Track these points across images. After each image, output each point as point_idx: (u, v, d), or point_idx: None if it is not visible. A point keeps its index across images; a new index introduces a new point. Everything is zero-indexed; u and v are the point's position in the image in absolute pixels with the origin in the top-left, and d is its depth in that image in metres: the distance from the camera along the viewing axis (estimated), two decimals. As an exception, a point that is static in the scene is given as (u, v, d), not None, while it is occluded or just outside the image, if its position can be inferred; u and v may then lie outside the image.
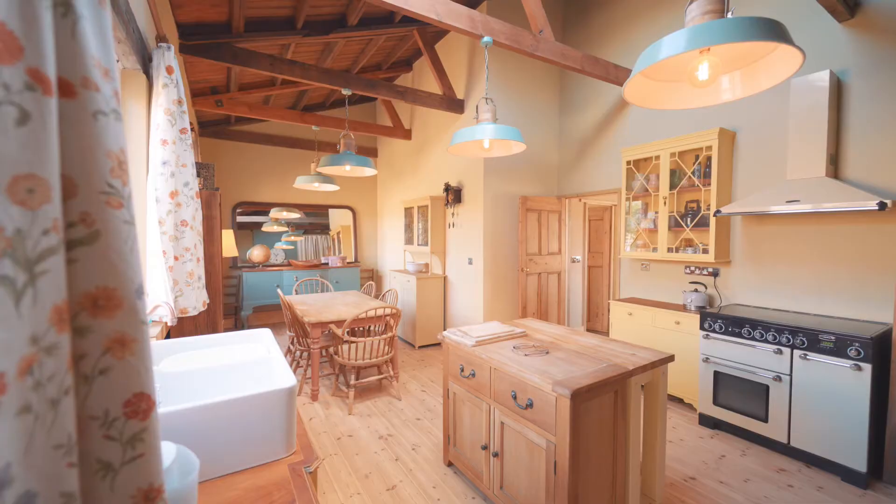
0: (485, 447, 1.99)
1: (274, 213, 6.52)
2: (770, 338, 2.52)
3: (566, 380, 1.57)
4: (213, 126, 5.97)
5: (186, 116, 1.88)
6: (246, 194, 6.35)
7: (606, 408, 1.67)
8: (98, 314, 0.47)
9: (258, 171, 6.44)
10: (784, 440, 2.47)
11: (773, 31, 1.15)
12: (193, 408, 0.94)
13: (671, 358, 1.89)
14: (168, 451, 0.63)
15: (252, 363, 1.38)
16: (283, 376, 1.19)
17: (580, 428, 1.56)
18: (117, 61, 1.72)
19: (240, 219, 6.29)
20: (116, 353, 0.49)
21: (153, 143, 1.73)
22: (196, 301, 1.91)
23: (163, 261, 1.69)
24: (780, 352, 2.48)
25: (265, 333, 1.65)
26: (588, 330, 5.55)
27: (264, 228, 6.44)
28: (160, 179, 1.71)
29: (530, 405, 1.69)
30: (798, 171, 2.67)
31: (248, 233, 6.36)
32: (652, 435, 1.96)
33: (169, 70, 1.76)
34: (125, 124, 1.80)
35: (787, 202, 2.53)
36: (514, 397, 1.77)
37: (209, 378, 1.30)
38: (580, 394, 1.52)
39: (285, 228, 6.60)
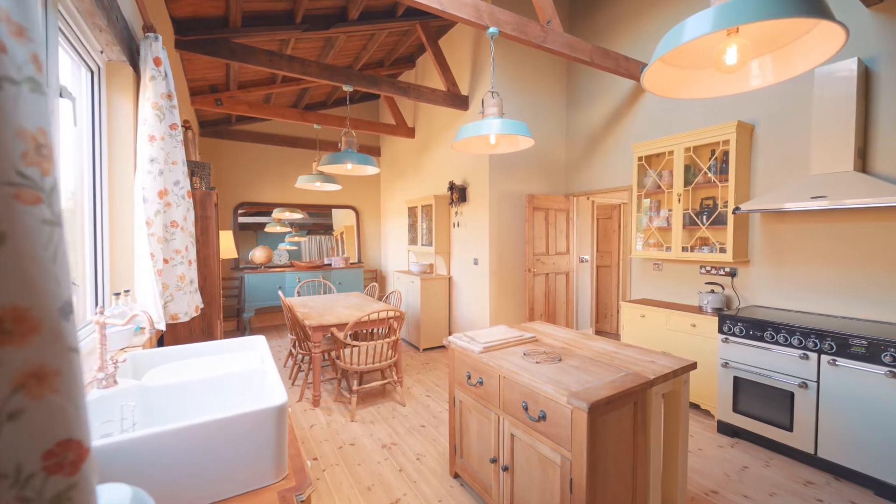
0: (494, 460, 1.87)
1: (276, 213, 6.44)
2: (795, 342, 2.38)
3: (583, 391, 1.45)
4: (213, 126, 5.90)
5: (177, 111, 1.78)
6: (248, 195, 6.27)
7: (626, 420, 1.55)
8: (5, 342, 0.37)
9: (260, 171, 6.36)
10: (811, 451, 2.33)
11: (813, 5, 1.02)
12: (169, 431, 0.83)
13: (694, 365, 1.76)
14: (120, 498, 0.52)
15: (243, 374, 1.27)
16: (275, 391, 1.08)
17: (598, 443, 1.44)
18: (101, 52, 1.62)
19: (242, 219, 6.21)
20: (32, 390, 0.38)
21: (140, 140, 1.63)
22: (188, 306, 1.81)
23: (151, 264, 1.59)
24: (807, 357, 2.34)
25: (259, 341, 1.54)
26: (597, 332, 5.42)
27: (267, 229, 6.36)
28: (147, 178, 1.61)
29: (543, 417, 1.57)
30: (823, 165, 2.52)
31: (252, 234, 6.29)
32: (673, 447, 1.84)
33: (156, 62, 1.66)
34: (110, 120, 1.70)
35: (813, 198, 2.39)
36: (526, 408, 1.66)
37: (195, 392, 1.19)
38: (598, 407, 1.40)
39: (288, 229, 6.53)
